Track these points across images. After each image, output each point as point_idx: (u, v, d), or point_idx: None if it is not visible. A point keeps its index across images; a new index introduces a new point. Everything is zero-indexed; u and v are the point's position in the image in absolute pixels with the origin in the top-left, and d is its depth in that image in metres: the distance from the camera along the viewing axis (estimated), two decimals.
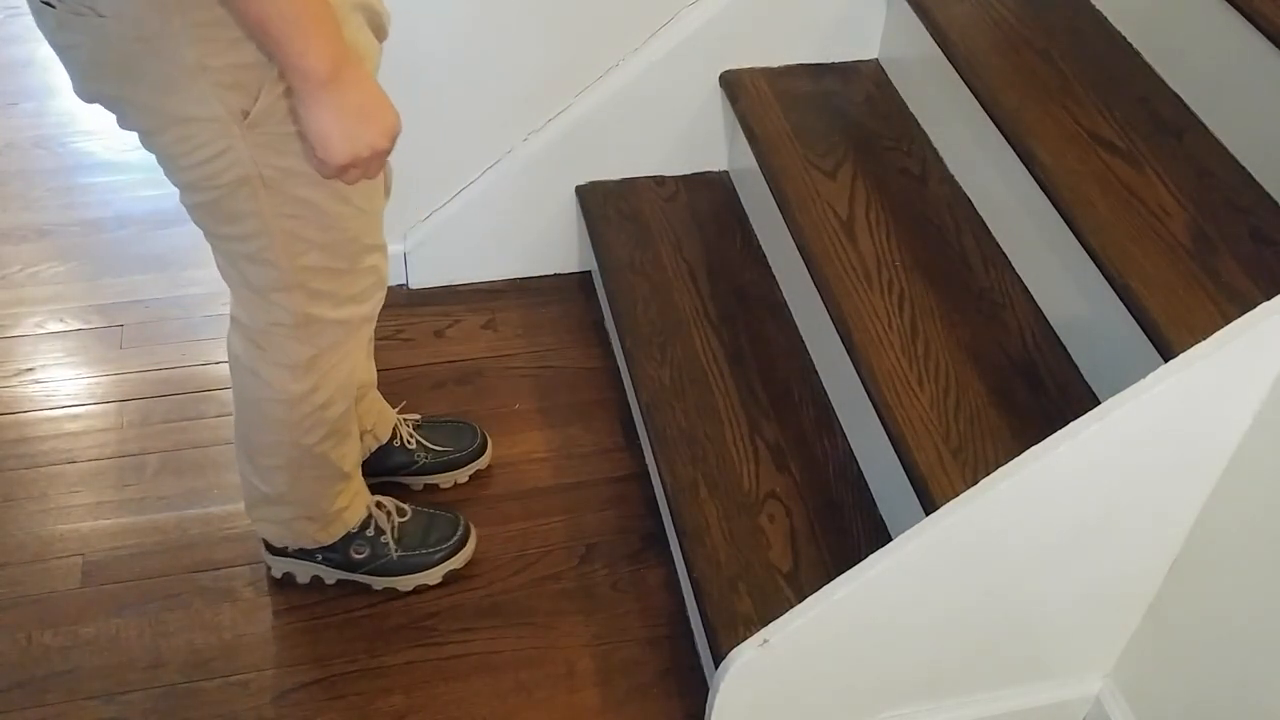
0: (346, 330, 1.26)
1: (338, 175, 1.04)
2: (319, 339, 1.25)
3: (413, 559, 1.54)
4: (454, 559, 1.57)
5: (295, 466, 1.38)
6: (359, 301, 1.25)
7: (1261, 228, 1.28)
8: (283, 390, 1.29)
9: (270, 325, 1.22)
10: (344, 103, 0.99)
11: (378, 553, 1.52)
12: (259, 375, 1.28)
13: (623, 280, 1.80)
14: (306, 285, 1.18)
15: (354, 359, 1.32)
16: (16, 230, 2.14)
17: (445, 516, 1.59)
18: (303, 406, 1.30)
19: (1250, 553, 1.16)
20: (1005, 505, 1.10)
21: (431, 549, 1.55)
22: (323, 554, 1.52)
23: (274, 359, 1.26)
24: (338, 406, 1.34)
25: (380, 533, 1.52)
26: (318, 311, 1.21)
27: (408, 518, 1.55)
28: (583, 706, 1.47)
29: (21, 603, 1.54)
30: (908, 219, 1.61)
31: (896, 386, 1.38)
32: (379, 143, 1.03)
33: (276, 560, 1.54)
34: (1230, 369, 1.04)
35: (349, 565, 1.53)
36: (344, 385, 1.33)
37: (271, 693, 1.46)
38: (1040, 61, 1.53)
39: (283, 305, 1.20)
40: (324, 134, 1.00)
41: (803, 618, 1.15)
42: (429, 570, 1.55)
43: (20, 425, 1.78)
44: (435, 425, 1.70)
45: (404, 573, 1.54)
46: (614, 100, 1.85)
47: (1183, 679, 1.28)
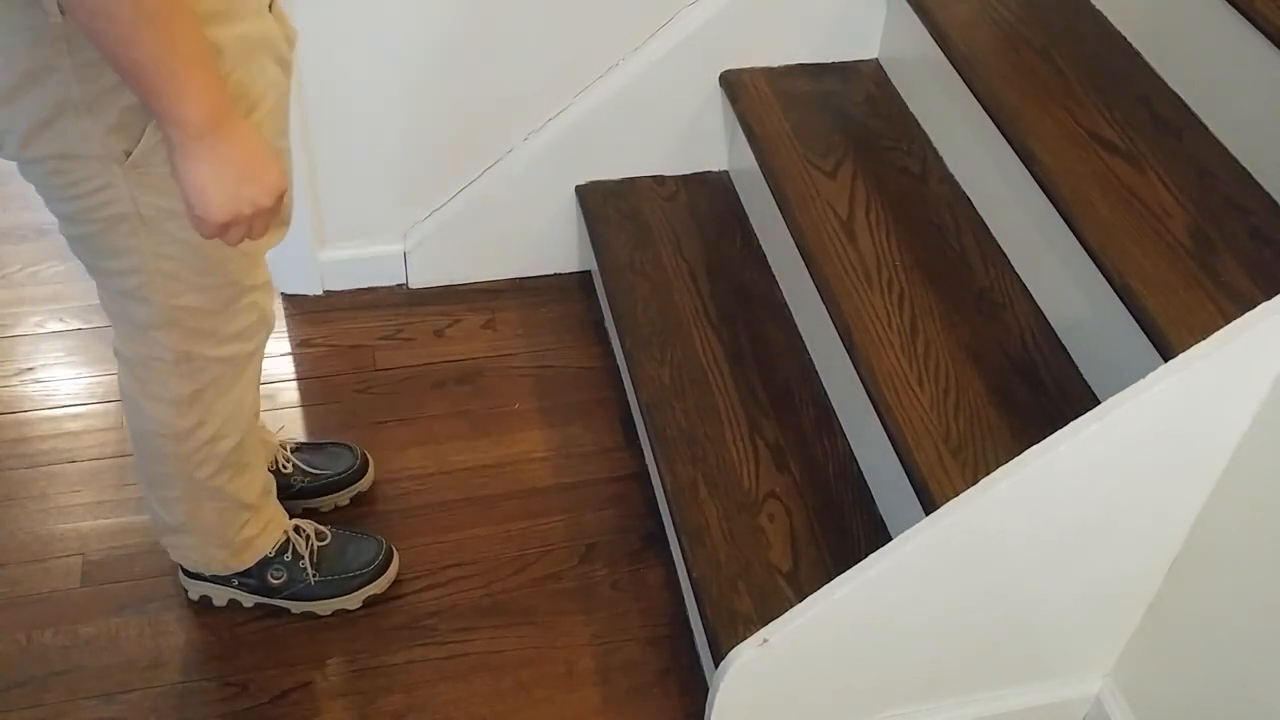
0: (229, 366, 1.24)
1: (217, 234, 0.99)
2: (200, 375, 1.22)
3: (332, 584, 1.52)
4: (374, 584, 1.54)
5: (192, 499, 1.37)
6: (242, 339, 1.22)
7: (1261, 228, 1.28)
8: (167, 425, 1.27)
9: (150, 359, 1.20)
10: (223, 156, 0.94)
11: (295, 577, 1.50)
12: (142, 410, 1.27)
13: (623, 280, 1.80)
14: (183, 324, 1.16)
15: (242, 394, 1.29)
16: (16, 230, 2.14)
17: (367, 540, 1.56)
18: (190, 442, 1.29)
19: (1250, 553, 1.16)
20: (1005, 505, 1.10)
21: (352, 574, 1.52)
22: (239, 579, 1.50)
23: (155, 394, 1.24)
24: (228, 441, 1.31)
25: (298, 557, 1.50)
26: (197, 349, 1.19)
27: (327, 541, 1.53)
28: (583, 706, 1.47)
29: (21, 602, 1.54)
30: (908, 219, 1.61)
31: (896, 386, 1.38)
32: (261, 200, 0.98)
33: (192, 583, 1.52)
34: (1230, 369, 1.04)
35: (266, 590, 1.51)
36: (232, 419, 1.30)
37: (271, 693, 1.46)
38: (1040, 61, 1.53)
39: (161, 342, 1.17)
40: (201, 189, 0.95)
41: (803, 618, 1.15)
42: (348, 595, 1.53)
43: (20, 425, 1.78)
44: (314, 448, 1.67)
45: (323, 597, 1.52)
46: (614, 100, 1.85)
47: (1183, 679, 1.28)
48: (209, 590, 1.53)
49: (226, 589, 1.52)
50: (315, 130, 1.80)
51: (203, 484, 1.34)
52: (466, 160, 1.91)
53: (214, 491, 1.36)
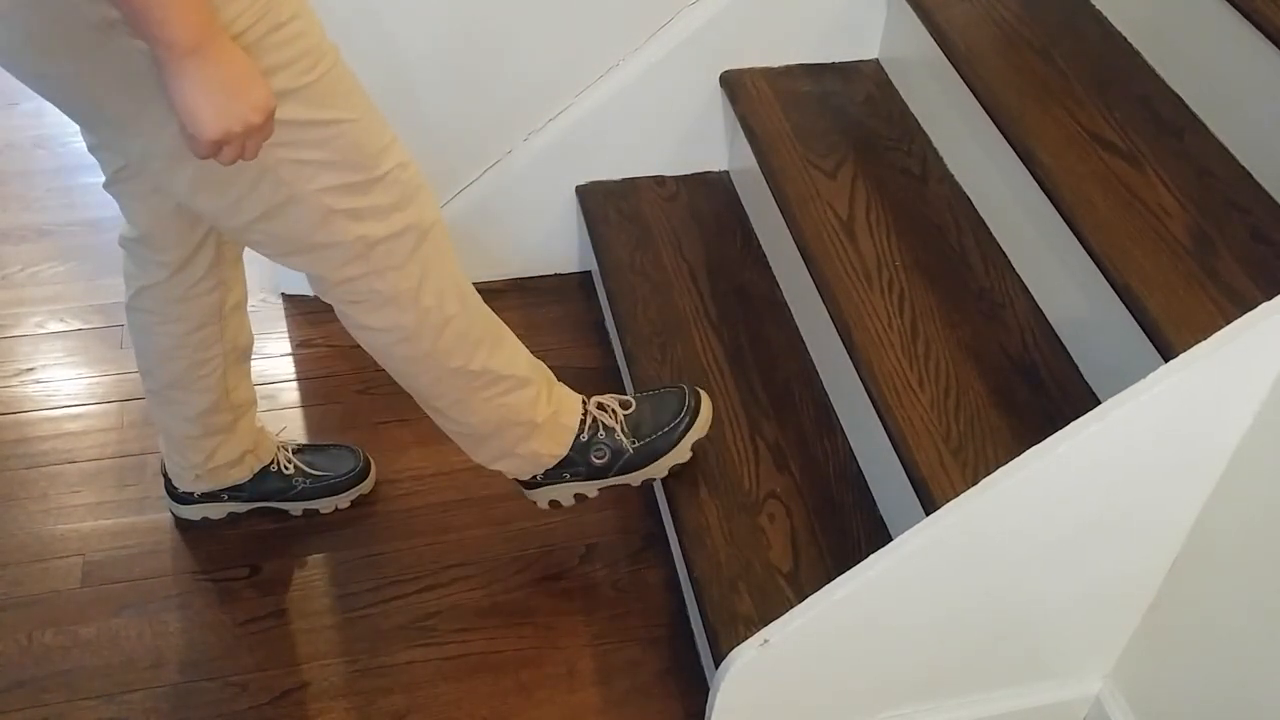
0: (410, 241, 1.22)
1: (211, 152, 1.00)
2: (389, 259, 1.21)
3: (655, 443, 1.50)
4: (694, 429, 1.51)
5: (469, 394, 1.36)
6: (401, 208, 1.19)
7: (1261, 228, 1.28)
8: (398, 329, 1.27)
9: (343, 280, 1.21)
10: (211, 75, 0.95)
11: (618, 450, 1.48)
12: (370, 329, 1.27)
13: (623, 280, 1.80)
14: (335, 208, 1.14)
15: (440, 266, 1.27)
16: (16, 230, 2.14)
17: (670, 392, 1.54)
18: (424, 337, 1.28)
19: (1250, 553, 1.16)
20: (1005, 505, 1.10)
21: (668, 428, 1.50)
22: (568, 471, 1.49)
23: (368, 306, 1.24)
24: (461, 318, 1.30)
25: (610, 430, 1.49)
26: (367, 231, 1.18)
27: (632, 409, 1.51)
28: (583, 706, 1.47)
29: (21, 603, 1.54)
30: (908, 219, 1.61)
31: (896, 386, 1.38)
32: (251, 117, 0.99)
33: (533, 493, 1.52)
34: (1230, 369, 1.04)
35: (597, 471, 1.49)
36: (450, 292, 1.29)
37: (271, 693, 1.47)
38: (1040, 61, 1.53)
39: (333, 244, 1.17)
40: (192, 108, 0.96)
41: (803, 618, 1.15)
42: (675, 449, 1.50)
43: (20, 425, 1.78)
44: (316, 450, 1.68)
45: (652, 460, 1.50)
46: (614, 100, 1.85)
47: (1183, 679, 1.28)
48: (553, 493, 1.52)
49: (565, 485, 1.51)
50: None
51: (465, 372, 1.34)
52: (466, 160, 1.91)
53: (481, 376, 1.35)
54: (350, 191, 1.15)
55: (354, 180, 1.15)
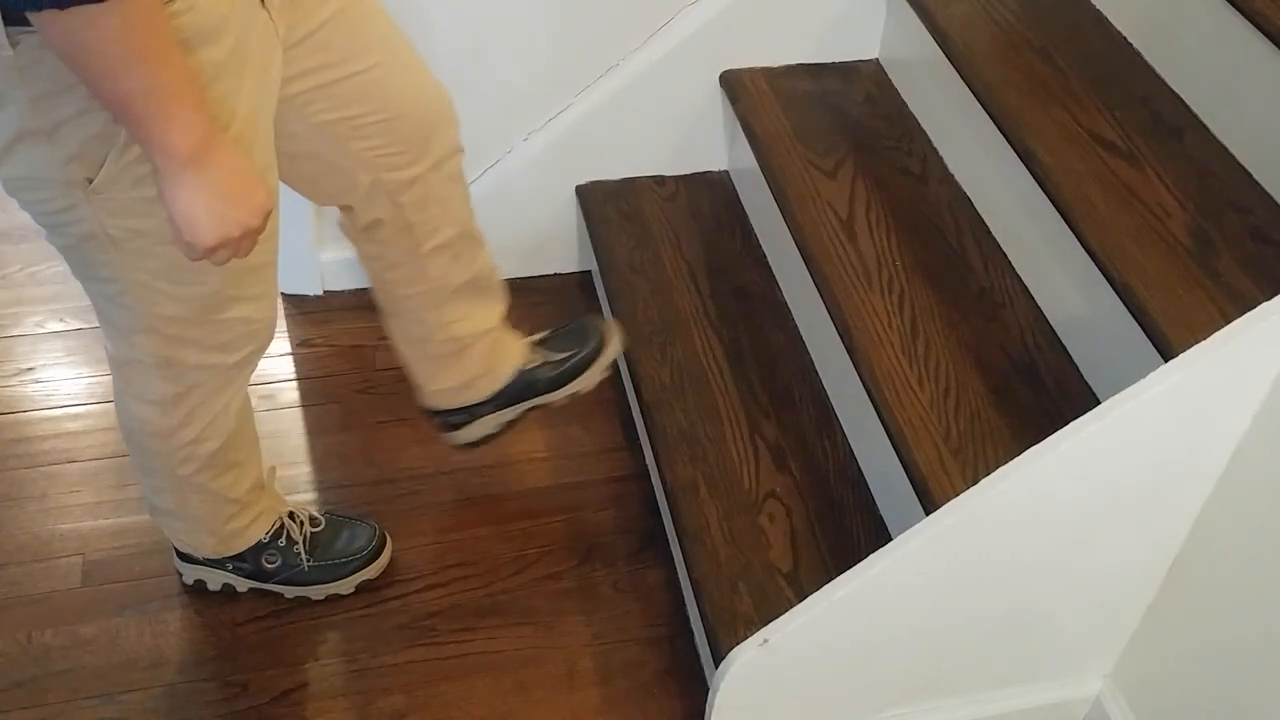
0: (212, 374, 1.24)
1: (206, 257, 1.00)
2: (182, 380, 1.23)
3: (325, 568, 1.53)
4: (367, 569, 1.55)
5: (179, 492, 1.38)
6: (226, 350, 1.21)
7: (1261, 228, 1.28)
8: (150, 423, 1.28)
9: (133, 361, 1.21)
10: (210, 181, 0.95)
11: (290, 562, 1.51)
12: (127, 407, 1.28)
13: (623, 280, 1.80)
14: (161, 331, 1.15)
15: (228, 400, 1.29)
16: (16, 230, 2.14)
17: (361, 526, 1.57)
18: (172, 441, 1.30)
19: (1250, 552, 1.16)
20: (1005, 505, 1.10)
21: (345, 559, 1.54)
22: (233, 563, 1.50)
23: (138, 394, 1.25)
24: (211, 443, 1.32)
25: (292, 543, 1.51)
26: (178, 355, 1.19)
27: (321, 528, 1.54)
28: (583, 706, 1.47)
29: (21, 602, 1.54)
30: (908, 219, 1.61)
31: (896, 386, 1.38)
32: (250, 221, 0.99)
33: (187, 567, 1.53)
34: (1230, 369, 1.04)
35: (260, 575, 1.52)
36: (216, 424, 1.30)
37: (271, 693, 1.46)
38: (1040, 61, 1.53)
39: (142, 346, 1.18)
40: (190, 215, 0.95)
41: (803, 618, 1.15)
42: (341, 580, 1.54)
43: (20, 425, 1.78)
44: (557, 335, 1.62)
45: (316, 582, 1.53)
46: (614, 100, 1.85)
47: (1183, 679, 1.28)
48: (203, 574, 1.53)
49: (221, 573, 1.52)
50: None
51: (186, 480, 1.35)
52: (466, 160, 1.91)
53: (198, 487, 1.37)
54: (185, 324, 1.16)
55: (194, 318, 1.16)
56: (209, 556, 1.50)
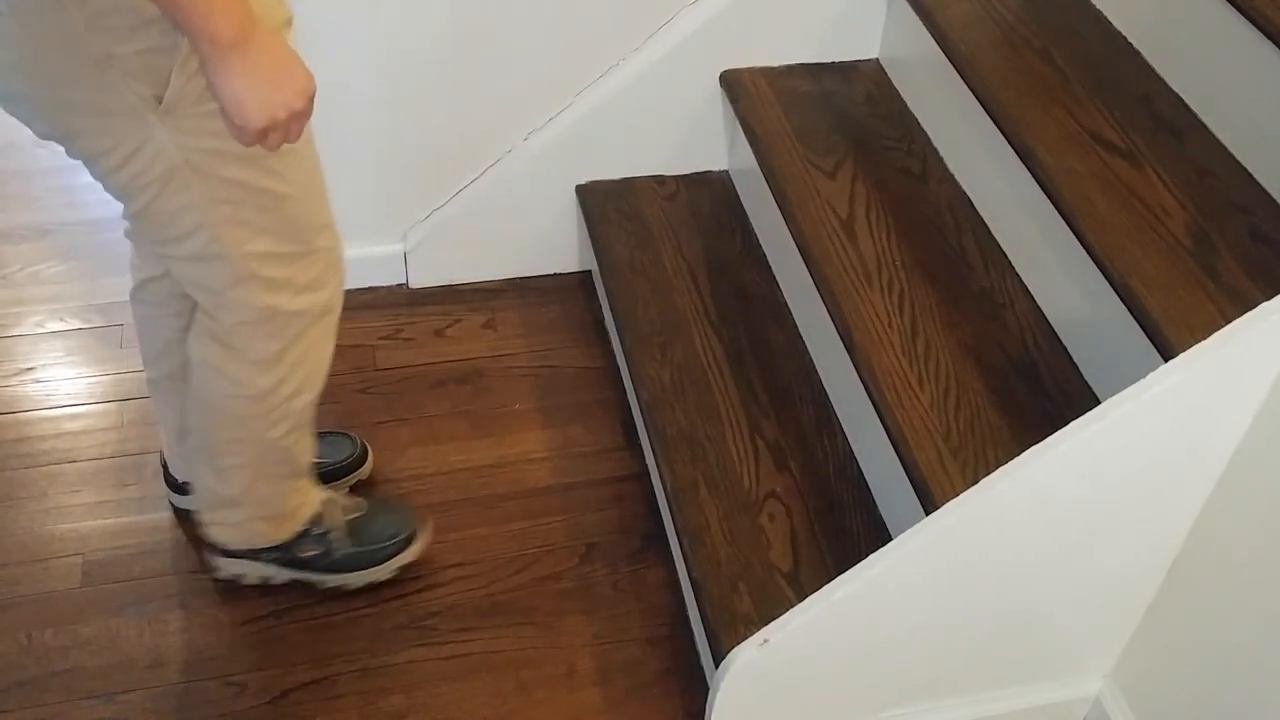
0: (308, 321, 1.26)
1: (257, 140, 1.02)
2: (284, 332, 1.25)
3: (362, 555, 1.53)
4: (404, 554, 1.55)
5: (257, 464, 1.38)
6: (315, 289, 1.24)
7: (1261, 228, 1.28)
8: (250, 386, 1.29)
9: (235, 324, 1.23)
10: (255, 65, 0.98)
11: (327, 550, 1.51)
12: (225, 374, 1.29)
13: (623, 280, 1.80)
14: (258, 274, 1.18)
15: (323, 348, 1.32)
16: (16, 230, 2.14)
17: (397, 511, 1.58)
18: (270, 400, 1.31)
19: (1250, 552, 1.16)
20: (1005, 505, 1.10)
21: (381, 544, 1.54)
22: (270, 554, 1.51)
23: (242, 356, 1.26)
24: (304, 397, 1.34)
25: (330, 530, 1.51)
26: (277, 302, 1.21)
27: (358, 514, 1.54)
28: (583, 706, 1.47)
29: (21, 602, 1.54)
30: (908, 219, 1.61)
31: (896, 386, 1.38)
32: (294, 103, 1.01)
33: (226, 562, 1.53)
34: (1230, 369, 1.04)
35: (298, 564, 1.52)
36: (312, 375, 1.33)
37: (271, 693, 1.46)
38: (1040, 61, 1.53)
39: (241, 301, 1.20)
40: (238, 98, 0.98)
41: (803, 617, 1.15)
42: (379, 566, 1.54)
43: (20, 425, 1.78)
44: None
45: (354, 569, 1.53)
46: (614, 100, 1.85)
47: (1183, 679, 1.28)
48: (241, 568, 1.53)
49: (259, 564, 1.52)
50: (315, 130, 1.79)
51: (272, 444, 1.35)
52: (466, 160, 1.91)
53: (280, 453, 1.37)
54: (277, 261, 1.18)
55: (284, 251, 1.18)
56: (255, 546, 1.49)
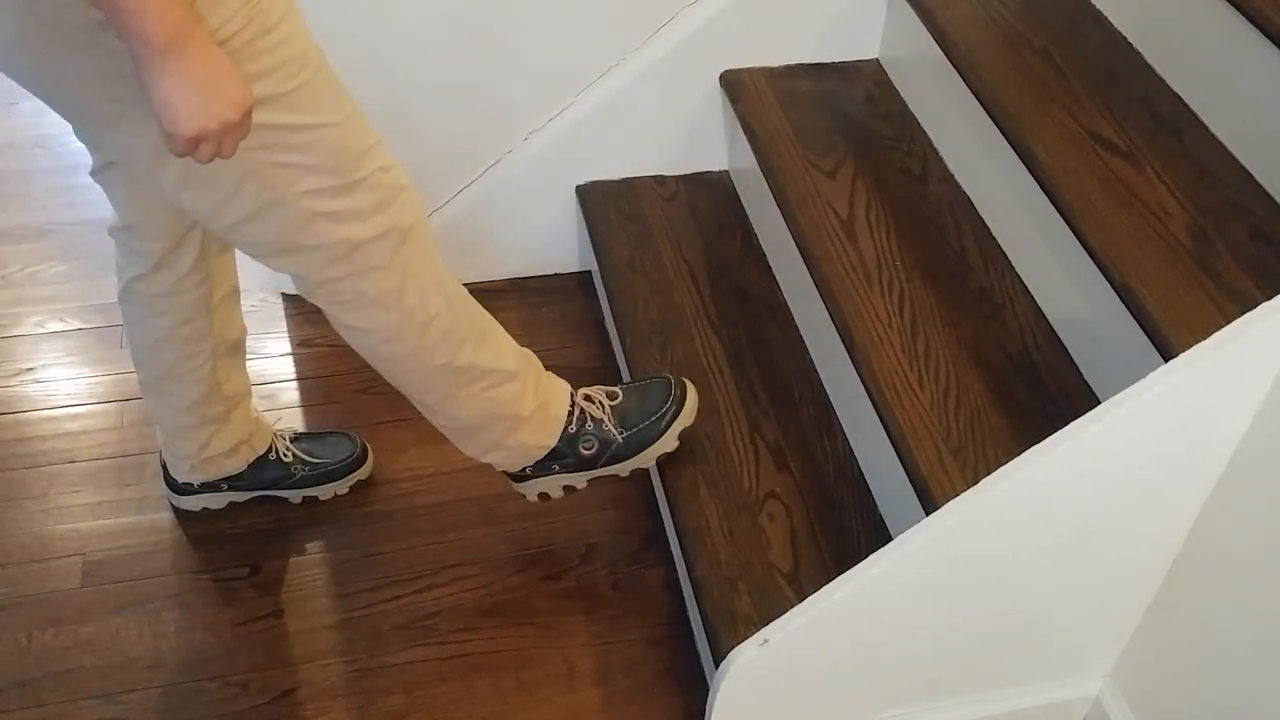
0: (394, 243, 1.23)
1: (188, 150, 1.00)
2: (372, 260, 1.22)
3: (642, 433, 1.51)
4: (681, 418, 1.52)
5: (456, 389, 1.37)
6: (383, 211, 1.20)
7: (1261, 228, 1.28)
8: (382, 329, 1.28)
9: (326, 280, 1.22)
10: (187, 72, 0.94)
11: (606, 440, 1.49)
12: (355, 327, 1.29)
13: (623, 280, 1.80)
14: (318, 210, 1.15)
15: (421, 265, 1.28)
16: (16, 230, 2.14)
17: (655, 381, 1.55)
18: (410, 335, 1.29)
19: (1250, 552, 1.16)
20: (1005, 505, 1.10)
21: (654, 417, 1.51)
22: (557, 462, 1.50)
23: (351, 306, 1.26)
24: (445, 316, 1.31)
25: (598, 421, 1.49)
26: (349, 233, 1.18)
27: (619, 400, 1.52)
28: (583, 706, 1.47)
29: (21, 602, 1.54)
30: (908, 219, 1.61)
31: (896, 386, 1.38)
32: (228, 114, 0.98)
33: (522, 485, 1.53)
34: (1230, 369, 1.04)
35: (586, 463, 1.50)
36: (433, 291, 1.29)
37: (271, 693, 1.46)
38: (1040, 61, 1.53)
39: (316, 246, 1.18)
40: (167, 103, 0.95)
41: (803, 618, 1.15)
42: (662, 438, 1.51)
43: (20, 425, 1.78)
44: (313, 437, 1.69)
45: (640, 450, 1.51)
46: (614, 100, 1.85)
47: (1183, 679, 1.28)
48: (541, 486, 1.53)
49: (555, 477, 1.52)
50: None
51: (452, 369, 1.35)
52: (467, 160, 1.91)
53: (467, 372, 1.36)
54: (333, 194, 1.16)
55: (336, 183, 1.16)
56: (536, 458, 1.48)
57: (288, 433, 1.67)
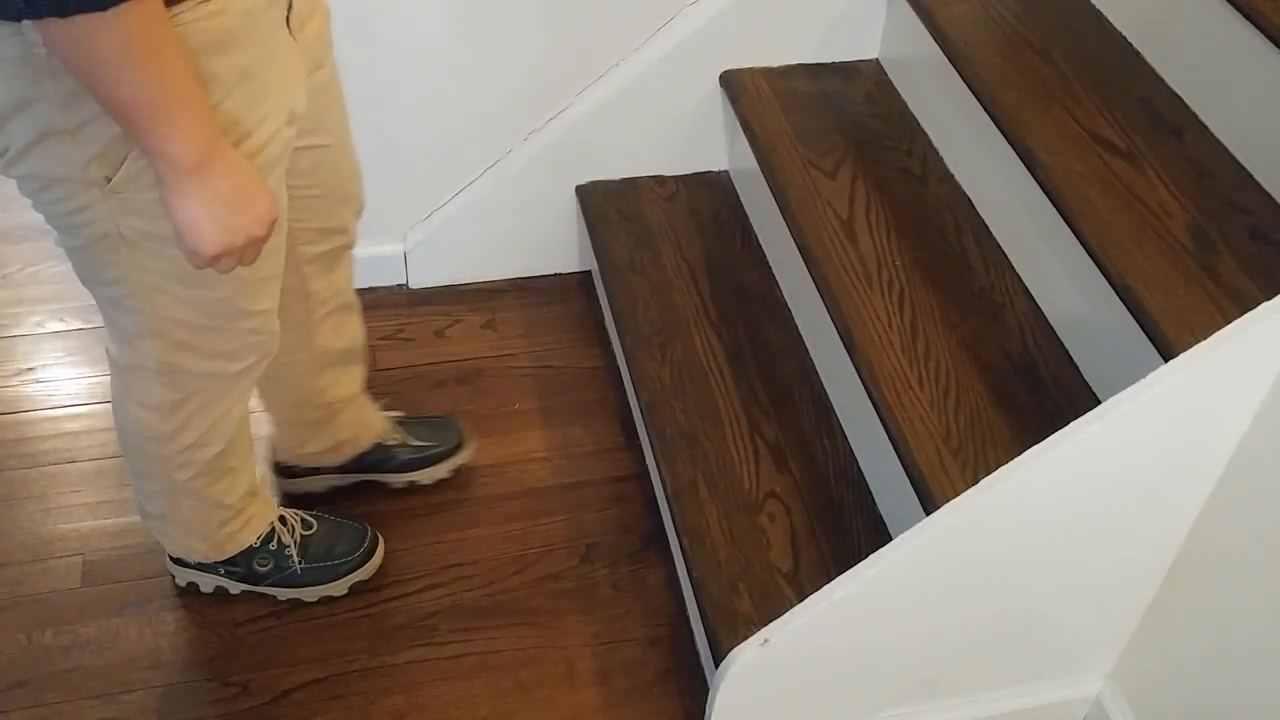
0: (214, 381, 1.24)
1: (209, 265, 1.00)
2: (183, 386, 1.22)
3: (318, 570, 1.53)
4: (359, 571, 1.55)
5: (172, 496, 1.38)
6: (230, 359, 1.21)
7: (1261, 228, 1.28)
8: (149, 428, 1.28)
9: (135, 365, 1.21)
10: (214, 189, 0.94)
11: (281, 565, 1.51)
12: (127, 411, 1.28)
13: (623, 280, 1.80)
14: (168, 335, 1.15)
15: (229, 407, 1.29)
16: (17, 230, 2.14)
17: (352, 527, 1.57)
18: (170, 446, 1.29)
19: (1250, 552, 1.16)
20: (1005, 505, 1.10)
21: (337, 561, 1.54)
22: (224, 567, 1.51)
23: (138, 398, 1.25)
24: (209, 449, 1.32)
25: (284, 546, 1.51)
26: (181, 361, 1.19)
27: (313, 531, 1.54)
28: (583, 706, 1.47)
29: (21, 602, 1.54)
30: (908, 219, 1.61)
31: (896, 386, 1.38)
32: (255, 230, 0.99)
33: (179, 570, 1.54)
34: (1230, 369, 1.04)
35: (252, 578, 1.52)
36: (215, 429, 1.30)
37: (271, 693, 1.46)
38: (1040, 61, 1.53)
39: (145, 350, 1.17)
40: (194, 224, 0.95)
41: (803, 617, 1.15)
42: (335, 582, 1.54)
43: (20, 425, 1.78)
44: (417, 422, 1.70)
45: (309, 584, 1.53)
46: (614, 100, 1.85)
47: (1183, 679, 1.28)
48: (195, 577, 1.54)
49: (213, 576, 1.53)
50: None
51: (182, 485, 1.36)
52: (466, 160, 1.91)
53: (192, 493, 1.38)
54: (190, 329, 1.15)
55: (201, 324, 1.15)
56: (201, 561, 1.50)
57: (392, 416, 1.68)
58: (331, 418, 1.57)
